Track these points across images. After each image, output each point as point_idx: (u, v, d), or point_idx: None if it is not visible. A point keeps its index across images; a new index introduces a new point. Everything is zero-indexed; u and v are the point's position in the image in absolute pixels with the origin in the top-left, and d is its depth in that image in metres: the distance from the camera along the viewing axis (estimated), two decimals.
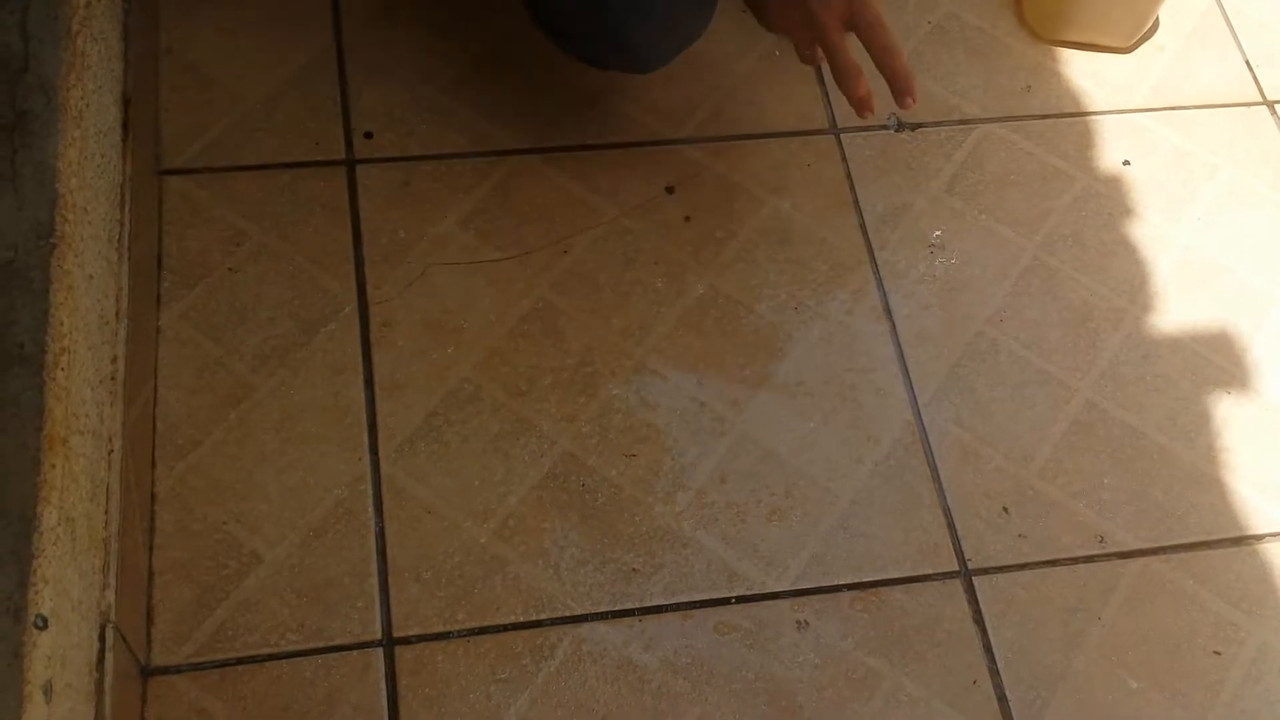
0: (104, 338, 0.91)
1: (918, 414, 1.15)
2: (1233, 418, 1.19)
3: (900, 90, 1.06)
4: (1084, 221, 1.28)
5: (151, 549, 1.01)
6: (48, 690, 0.71)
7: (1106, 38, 1.38)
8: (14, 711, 0.68)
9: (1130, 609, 1.08)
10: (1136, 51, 1.40)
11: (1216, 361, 1.21)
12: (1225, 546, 1.13)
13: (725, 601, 1.05)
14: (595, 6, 1.08)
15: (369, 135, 1.22)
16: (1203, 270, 1.27)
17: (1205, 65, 1.41)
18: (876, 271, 1.22)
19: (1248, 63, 1.41)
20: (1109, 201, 1.29)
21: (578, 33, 1.13)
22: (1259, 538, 1.13)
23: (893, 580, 1.08)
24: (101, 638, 0.84)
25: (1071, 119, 1.34)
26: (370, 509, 1.05)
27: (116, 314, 0.96)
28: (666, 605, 1.04)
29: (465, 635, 1.01)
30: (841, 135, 1.29)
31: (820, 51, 1.10)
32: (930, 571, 1.08)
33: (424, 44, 1.28)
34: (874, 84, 1.05)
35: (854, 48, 1.07)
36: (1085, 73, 1.37)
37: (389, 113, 1.23)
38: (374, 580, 1.02)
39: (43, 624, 0.72)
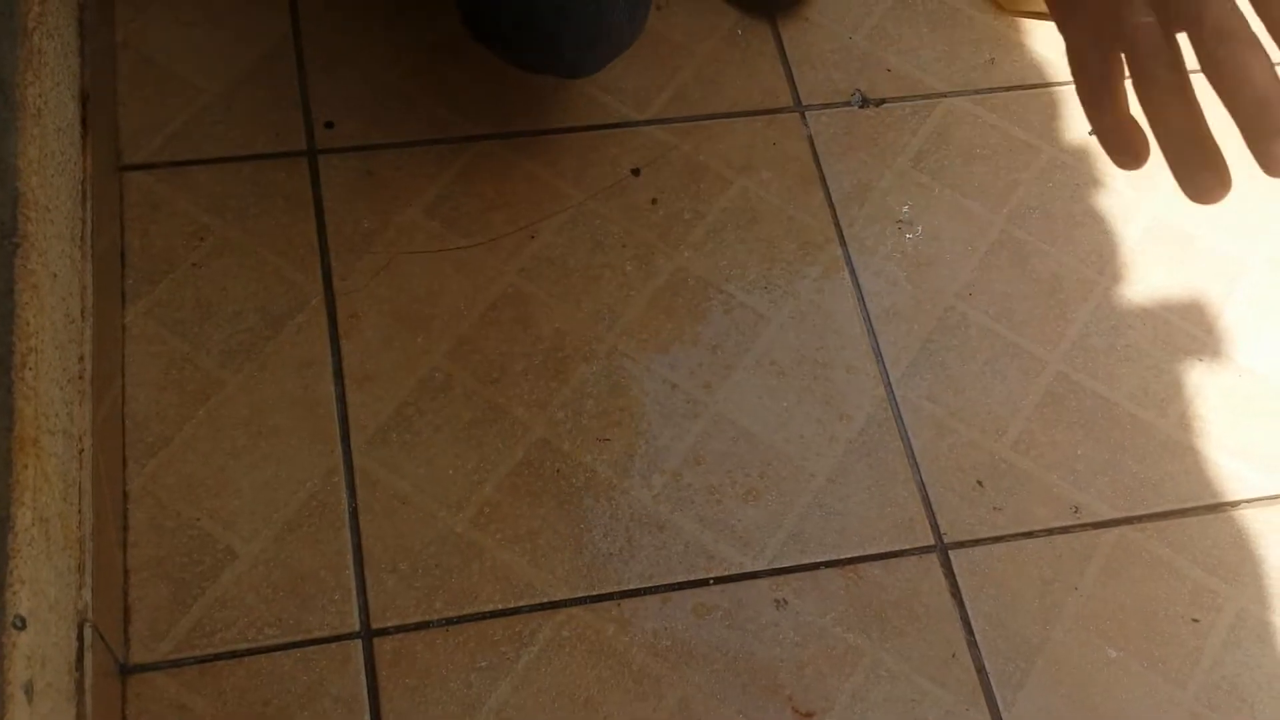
0: (70, 336, 0.90)
1: (890, 390, 1.15)
2: (1205, 385, 1.19)
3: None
4: (1051, 193, 1.28)
5: (126, 547, 1.00)
6: (29, 690, 0.71)
7: None
8: None
9: (1107, 579, 1.09)
10: None
11: (1188, 329, 1.22)
12: (1201, 514, 1.13)
13: (704, 583, 1.05)
14: (527, 15, 1.07)
15: (330, 125, 1.21)
16: (1172, 238, 1.27)
17: None
18: (845, 249, 1.22)
19: None
20: (1076, 172, 1.30)
21: (509, 39, 1.10)
22: (1234, 504, 1.14)
23: (870, 556, 1.08)
24: (80, 637, 0.84)
25: (1036, 90, 1.34)
26: (344, 501, 1.04)
27: (82, 312, 0.95)
28: (645, 588, 1.04)
29: (444, 624, 1.01)
30: (806, 113, 1.29)
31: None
32: (906, 547, 1.09)
33: (383, 31, 1.27)
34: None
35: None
36: (1048, 43, 1.38)
37: (349, 101, 1.22)
38: (350, 572, 1.02)
39: (21, 624, 0.71)
